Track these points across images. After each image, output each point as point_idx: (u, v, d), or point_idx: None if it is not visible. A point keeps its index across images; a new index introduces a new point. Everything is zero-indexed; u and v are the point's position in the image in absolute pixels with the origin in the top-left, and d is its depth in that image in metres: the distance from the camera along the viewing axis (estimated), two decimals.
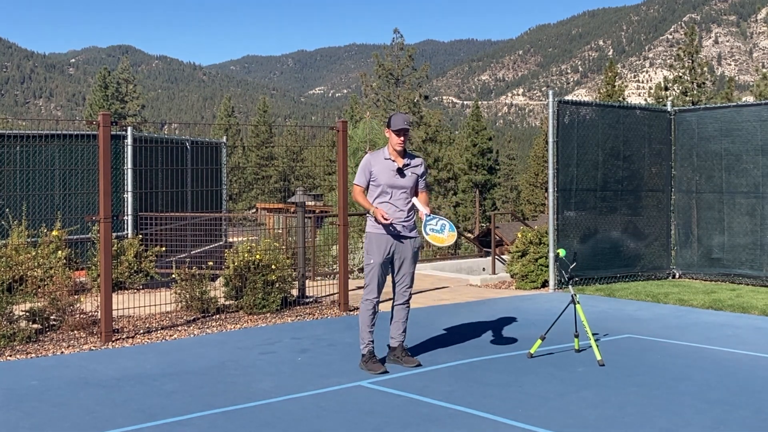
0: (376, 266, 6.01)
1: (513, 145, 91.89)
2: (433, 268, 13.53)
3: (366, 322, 6.04)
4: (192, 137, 15.48)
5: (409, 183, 6.08)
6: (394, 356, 6.24)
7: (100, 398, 5.34)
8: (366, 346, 6.04)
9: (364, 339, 6.05)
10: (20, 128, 25.96)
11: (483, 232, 45.37)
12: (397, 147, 6.03)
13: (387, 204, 6.02)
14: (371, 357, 6.00)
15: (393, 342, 6.27)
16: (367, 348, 6.03)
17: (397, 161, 6.06)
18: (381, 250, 6.01)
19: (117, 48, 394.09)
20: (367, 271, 6.07)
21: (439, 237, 6.11)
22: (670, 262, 11.78)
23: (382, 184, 6.03)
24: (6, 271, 8.58)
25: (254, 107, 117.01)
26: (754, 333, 7.73)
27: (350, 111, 65.81)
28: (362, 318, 6.07)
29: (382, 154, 6.11)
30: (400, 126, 5.99)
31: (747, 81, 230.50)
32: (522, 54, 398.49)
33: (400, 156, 6.07)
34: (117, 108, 64.98)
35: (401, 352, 6.24)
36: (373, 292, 6.03)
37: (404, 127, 5.98)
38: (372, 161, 6.08)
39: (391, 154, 6.08)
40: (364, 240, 6.16)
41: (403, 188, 6.06)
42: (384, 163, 6.05)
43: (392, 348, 6.27)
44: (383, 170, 6.03)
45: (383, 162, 6.05)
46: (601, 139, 11.22)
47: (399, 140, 6.00)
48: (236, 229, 20.45)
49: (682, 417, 4.90)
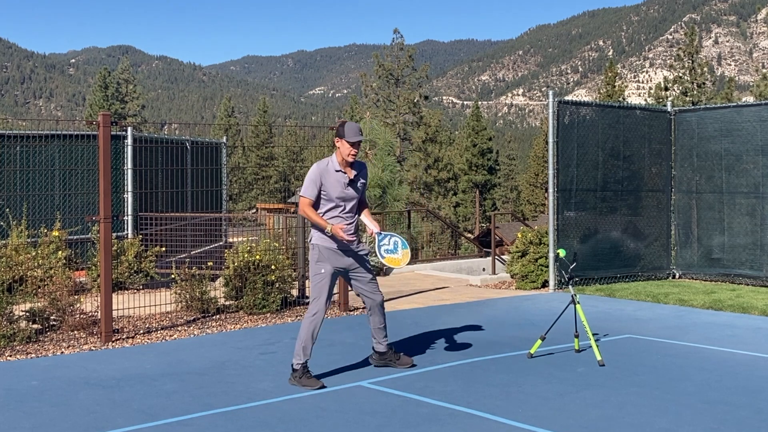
0: (327, 276, 5.72)
1: (513, 145, 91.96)
2: (433, 268, 13.53)
3: (308, 337, 5.63)
4: (192, 137, 15.48)
5: (358, 194, 5.86)
6: (384, 359, 6.10)
7: (100, 398, 5.34)
8: (301, 362, 5.64)
9: (300, 354, 5.63)
10: (20, 128, 25.96)
11: (483, 232, 45.36)
12: (348, 158, 5.70)
13: (338, 218, 5.75)
14: (305, 372, 5.63)
15: (380, 347, 6.09)
16: (302, 363, 5.64)
17: (347, 173, 5.76)
18: (332, 261, 5.74)
19: (117, 48, 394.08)
20: (316, 282, 5.73)
21: (394, 259, 5.84)
22: (670, 263, 11.78)
23: (334, 198, 5.73)
24: (6, 271, 8.58)
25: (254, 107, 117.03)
26: (754, 333, 7.73)
27: (350, 111, 65.79)
28: (305, 332, 5.63)
29: (332, 165, 5.75)
30: (354, 138, 5.66)
31: (747, 81, 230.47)
32: (522, 54, 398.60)
33: (349, 166, 5.77)
34: (117, 108, 65.00)
35: (393, 355, 6.13)
36: (321, 305, 5.69)
37: (360, 139, 5.69)
38: (322, 173, 5.72)
39: (340, 164, 5.74)
40: (311, 251, 5.80)
41: (352, 200, 5.81)
42: (335, 176, 5.72)
43: (381, 353, 6.11)
44: (334, 183, 5.71)
45: (334, 174, 5.72)
46: (601, 139, 11.22)
47: (353, 151, 5.69)
48: (236, 230, 20.44)
49: (682, 417, 4.91)
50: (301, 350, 5.64)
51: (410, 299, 9.93)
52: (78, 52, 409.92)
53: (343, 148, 5.70)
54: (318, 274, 5.75)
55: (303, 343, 5.64)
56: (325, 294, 5.72)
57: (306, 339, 5.64)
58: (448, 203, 59.89)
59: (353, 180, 5.79)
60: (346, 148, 5.69)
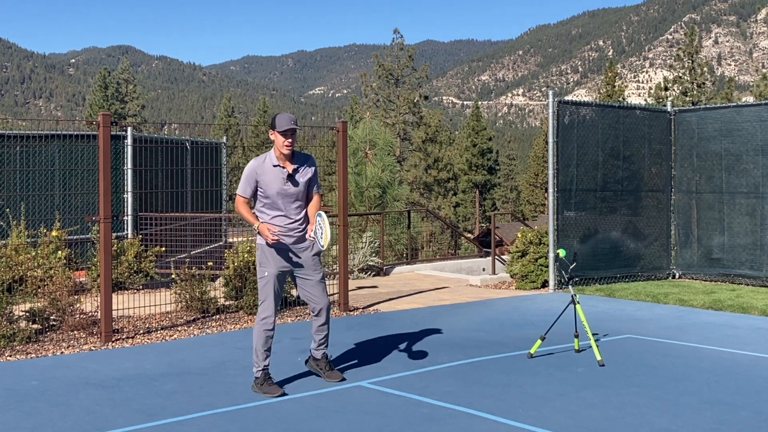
0: (272, 278, 5.45)
1: (513, 146, 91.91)
2: (433, 269, 13.53)
3: (261, 344, 5.42)
4: (192, 137, 15.49)
5: (302, 189, 5.50)
6: (317, 366, 5.81)
7: (100, 398, 5.34)
8: (260, 369, 5.45)
9: (258, 361, 5.45)
10: (20, 128, 25.96)
11: (483, 232, 45.36)
12: (284, 150, 5.38)
13: (281, 216, 5.47)
14: (266, 379, 5.45)
15: (317, 353, 5.80)
16: (262, 371, 5.45)
17: (286, 167, 5.43)
18: (275, 261, 5.47)
19: (117, 48, 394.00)
20: (262, 285, 5.47)
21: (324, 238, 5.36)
22: (670, 263, 11.78)
23: (272, 194, 5.42)
24: (6, 272, 8.58)
25: (254, 107, 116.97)
26: (754, 333, 7.74)
27: (350, 111, 65.77)
28: (257, 338, 5.43)
29: (269, 160, 5.44)
30: (286, 126, 5.34)
31: (747, 81, 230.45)
32: (522, 54, 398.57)
33: (288, 160, 5.45)
34: (117, 108, 64.99)
35: (325, 364, 5.79)
36: (270, 308, 5.45)
37: (291, 127, 5.34)
38: (258, 169, 5.42)
39: (278, 159, 5.44)
40: (256, 252, 5.58)
41: (295, 196, 5.47)
42: (272, 171, 5.41)
43: (317, 359, 5.82)
44: (272, 179, 5.40)
45: (271, 170, 5.41)
46: (601, 139, 11.22)
47: (286, 142, 5.35)
48: (236, 230, 20.43)
49: (682, 417, 4.91)
50: (255, 357, 5.46)
51: (410, 299, 9.93)
52: (78, 52, 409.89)
53: (276, 139, 5.39)
54: (262, 277, 5.48)
55: (255, 350, 5.46)
56: (272, 297, 5.46)
57: (256, 347, 5.45)
58: (448, 203, 59.91)
59: (292, 174, 5.46)
60: (279, 139, 5.37)
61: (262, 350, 5.44)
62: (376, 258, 12.89)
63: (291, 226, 5.49)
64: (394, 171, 17.19)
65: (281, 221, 5.47)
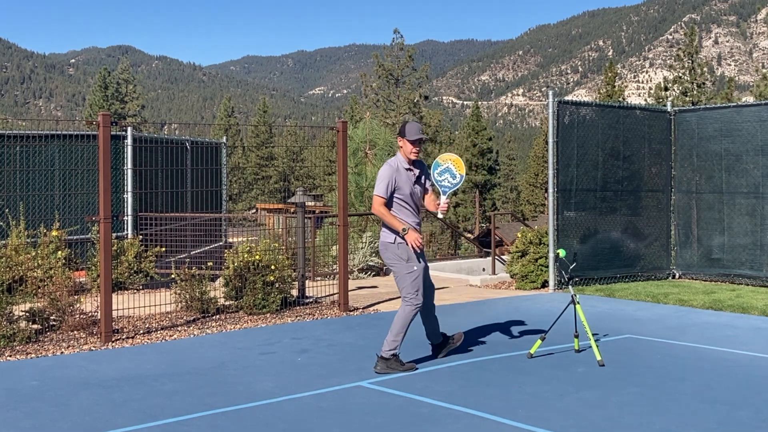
0: (420, 271, 6.03)
1: (513, 146, 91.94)
2: (434, 269, 13.48)
3: (405, 326, 5.99)
4: (192, 137, 15.49)
5: (423, 191, 6.23)
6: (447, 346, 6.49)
7: (100, 398, 5.34)
8: (395, 351, 5.99)
9: (398, 342, 5.99)
10: (20, 128, 25.96)
11: (483, 232, 45.37)
12: (412, 156, 6.08)
13: (410, 216, 6.08)
14: (397, 359, 6.01)
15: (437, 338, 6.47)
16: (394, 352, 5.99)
17: (413, 170, 6.14)
18: (419, 257, 6.05)
19: (117, 48, 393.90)
20: (412, 279, 5.98)
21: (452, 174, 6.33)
22: (670, 263, 11.78)
23: (407, 194, 6.08)
24: (6, 272, 8.58)
25: (254, 107, 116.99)
26: (754, 333, 7.73)
27: (350, 111, 65.82)
28: (404, 321, 5.97)
29: (401, 164, 6.11)
30: (416, 136, 6.04)
31: (747, 81, 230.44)
32: (522, 54, 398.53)
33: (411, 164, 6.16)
34: (117, 108, 65.00)
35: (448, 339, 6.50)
36: (421, 297, 6.02)
37: (421, 137, 6.05)
38: (395, 172, 6.07)
39: (408, 163, 6.12)
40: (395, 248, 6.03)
41: (419, 196, 6.19)
42: (406, 174, 6.08)
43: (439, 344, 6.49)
44: (405, 181, 6.06)
45: (405, 173, 6.08)
46: (601, 139, 11.22)
47: (415, 149, 6.06)
48: (236, 230, 20.45)
49: (682, 417, 4.91)
50: (394, 338, 5.96)
51: None
52: (78, 52, 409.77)
53: (405, 147, 6.07)
54: (411, 271, 5.98)
55: (397, 332, 5.96)
56: (422, 288, 6.03)
57: (401, 329, 5.96)
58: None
59: (418, 177, 6.13)
60: (409, 147, 6.06)
61: (404, 333, 5.99)
62: (376, 258, 12.89)
63: (417, 223, 6.12)
64: None
65: (411, 219, 6.08)
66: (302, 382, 5.74)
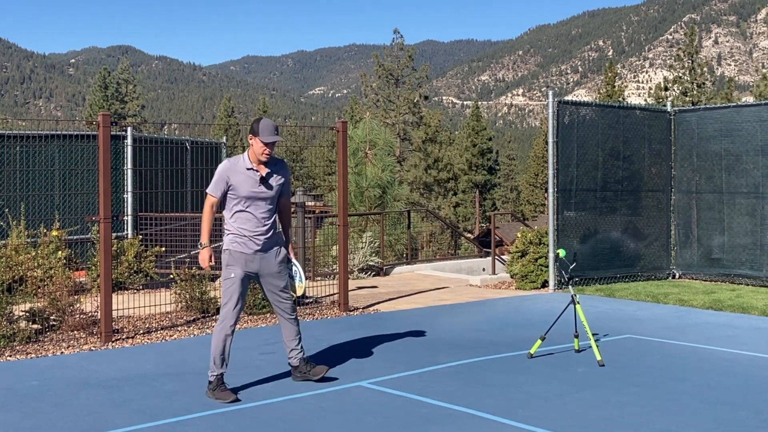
0: (237, 280, 5.38)
1: (513, 146, 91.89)
2: (434, 269, 13.53)
3: (220, 348, 5.33)
4: (192, 137, 15.49)
5: (274, 193, 5.49)
6: (300, 373, 5.70)
7: (100, 398, 5.34)
8: (216, 374, 5.34)
9: (216, 366, 5.33)
10: (20, 128, 25.97)
11: (483, 232, 45.39)
12: (262, 158, 5.39)
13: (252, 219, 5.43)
14: (220, 384, 5.33)
15: (294, 361, 5.72)
16: (216, 376, 5.34)
17: (259, 170, 5.44)
18: (242, 264, 5.42)
19: (117, 48, 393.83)
20: (227, 287, 5.39)
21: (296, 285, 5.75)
22: (670, 263, 11.78)
23: (241, 197, 5.40)
24: (6, 272, 8.58)
25: (254, 107, 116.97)
26: (754, 333, 7.74)
27: (350, 111, 65.79)
28: (216, 342, 5.34)
29: (243, 162, 5.44)
30: (270, 139, 5.35)
31: (747, 81, 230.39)
32: (522, 54, 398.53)
33: (262, 163, 5.45)
34: (117, 108, 64.98)
35: (305, 366, 5.70)
36: (232, 313, 5.36)
37: (276, 139, 5.34)
38: (230, 170, 5.41)
39: (253, 162, 5.43)
40: (223, 255, 5.47)
41: (266, 200, 5.46)
42: (245, 173, 5.41)
43: (295, 366, 5.73)
44: (244, 181, 5.40)
45: (244, 172, 5.40)
46: (601, 139, 11.22)
47: (267, 151, 5.38)
48: None
49: (682, 417, 4.91)
50: (212, 362, 5.36)
51: (410, 299, 9.93)
52: (78, 52, 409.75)
53: (256, 146, 5.39)
54: (228, 278, 5.40)
55: (212, 357, 5.35)
56: (235, 299, 5.38)
57: (214, 351, 5.35)
58: (448, 203, 59.87)
59: (266, 177, 5.45)
60: (259, 147, 5.38)
61: (219, 355, 5.34)
62: (376, 258, 12.89)
63: (259, 230, 5.44)
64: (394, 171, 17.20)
65: (250, 225, 5.43)
66: (302, 382, 5.74)
